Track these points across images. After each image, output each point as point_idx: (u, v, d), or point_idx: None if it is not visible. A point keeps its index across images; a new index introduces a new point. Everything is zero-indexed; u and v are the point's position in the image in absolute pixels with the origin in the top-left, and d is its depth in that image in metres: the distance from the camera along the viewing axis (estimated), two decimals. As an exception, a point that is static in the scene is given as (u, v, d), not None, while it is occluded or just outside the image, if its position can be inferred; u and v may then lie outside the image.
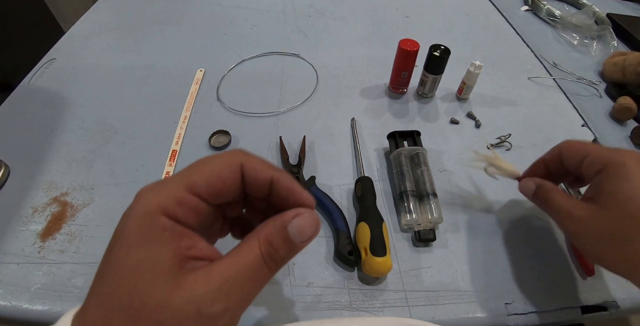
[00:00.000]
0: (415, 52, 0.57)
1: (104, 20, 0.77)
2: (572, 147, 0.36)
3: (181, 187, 0.20)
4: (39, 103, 0.59)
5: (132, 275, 0.18)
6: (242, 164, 0.22)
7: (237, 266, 0.20)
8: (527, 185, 0.39)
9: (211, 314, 0.18)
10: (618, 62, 0.66)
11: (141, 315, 0.18)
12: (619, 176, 0.30)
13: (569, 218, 0.32)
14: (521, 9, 0.88)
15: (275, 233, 0.21)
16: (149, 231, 0.19)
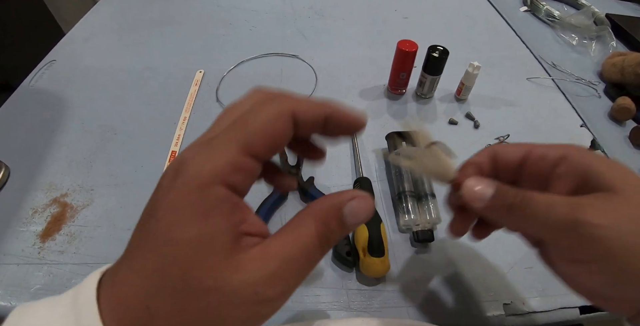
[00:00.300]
0: (414, 52, 0.57)
1: (103, 21, 0.77)
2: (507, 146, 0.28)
3: (237, 149, 0.18)
4: (39, 105, 0.59)
5: (186, 251, 0.16)
6: (294, 112, 0.19)
7: (294, 247, 0.18)
8: (477, 188, 0.26)
9: (269, 297, 0.17)
10: (617, 63, 0.66)
11: (194, 296, 0.16)
12: (596, 155, 0.25)
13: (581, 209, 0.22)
14: (520, 9, 0.88)
15: (331, 215, 0.20)
16: (204, 203, 0.17)
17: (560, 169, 0.25)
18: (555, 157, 0.25)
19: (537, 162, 0.26)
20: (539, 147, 0.27)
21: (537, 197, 0.24)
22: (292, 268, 0.18)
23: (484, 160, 0.29)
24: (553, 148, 0.26)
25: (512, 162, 0.28)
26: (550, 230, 0.24)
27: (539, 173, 0.27)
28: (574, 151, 0.25)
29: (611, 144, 0.57)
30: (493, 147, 0.29)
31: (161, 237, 0.17)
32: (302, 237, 0.19)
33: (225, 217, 0.17)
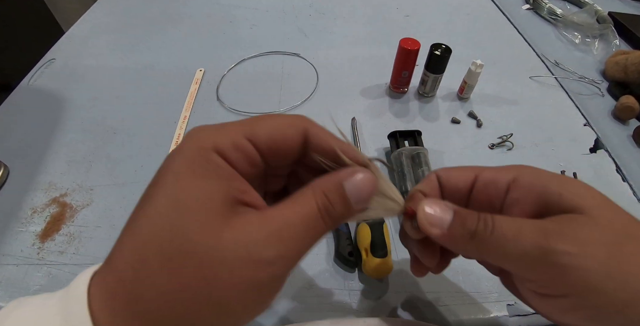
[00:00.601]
0: (416, 51, 0.56)
1: (103, 20, 0.77)
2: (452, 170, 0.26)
3: (241, 132, 0.19)
4: (39, 104, 0.58)
5: (178, 210, 0.16)
6: (306, 129, 0.20)
7: (292, 214, 0.18)
8: (437, 211, 0.22)
9: (263, 259, 0.17)
10: (620, 61, 0.65)
11: (186, 256, 0.16)
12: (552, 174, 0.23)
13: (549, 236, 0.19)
14: (522, 7, 0.87)
15: (331, 188, 0.19)
16: (201, 165, 0.17)
17: (514, 194, 0.23)
18: (506, 181, 0.23)
19: (487, 187, 0.24)
20: (487, 170, 0.24)
21: (503, 223, 0.21)
22: (290, 232, 0.18)
23: (430, 187, 0.25)
24: (502, 171, 0.23)
25: (459, 188, 0.25)
26: (517, 262, 0.21)
27: (490, 200, 0.24)
28: (526, 173, 0.23)
29: (614, 143, 0.57)
30: (437, 172, 0.26)
31: (155, 197, 0.17)
32: (302, 206, 0.19)
33: (222, 181, 0.18)
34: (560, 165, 0.53)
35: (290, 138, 0.20)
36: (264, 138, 0.19)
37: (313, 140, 0.21)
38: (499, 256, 0.21)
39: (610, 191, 0.49)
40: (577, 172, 0.51)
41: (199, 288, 0.16)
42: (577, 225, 0.20)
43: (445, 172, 0.26)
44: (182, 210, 0.16)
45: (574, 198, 0.21)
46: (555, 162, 0.53)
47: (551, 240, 0.19)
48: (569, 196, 0.21)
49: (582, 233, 0.19)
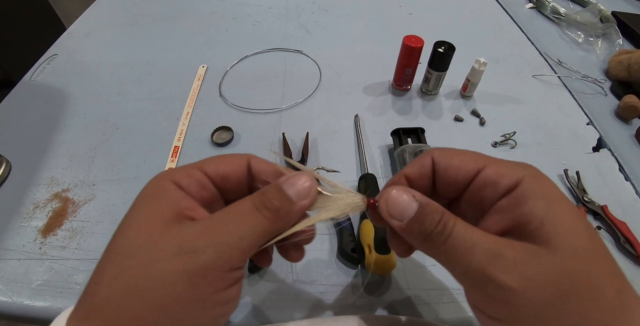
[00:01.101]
0: (420, 48, 0.56)
1: (105, 16, 0.76)
2: (454, 157, 0.23)
3: (194, 165, 0.23)
4: (41, 99, 0.58)
5: (131, 226, 0.20)
6: (249, 158, 0.24)
7: (225, 212, 0.21)
8: (401, 202, 0.21)
9: (192, 248, 0.19)
10: (623, 60, 0.65)
11: (129, 257, 0.19)
12: (549, 195, 0.20)
13: (496, 261, 0.19)
14: (525, 6, 0.87)
15: (269, 187, 0.22)
16: (155, 192, 0.22)
17: (504, 202, 0.21)
18: (506, 187, 0.21)
19: (484, 187, 0.22)
20: (491, 166, 0.22)
21: (460, 233, 0.20)
22: (218, 225, 0.20)
23: (421, 173, 0.24)
24: (506, 174, 0.21)
25: (456, 182, 0.23)
26: (461, 277, 0.20)
27: (481, 201, 0.22)
28: (526, 183, 0.21)
29: (617, 143, 0.57)
30: (434, 155, 0.23)
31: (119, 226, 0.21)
32: (236, 205, 0.22)
33: (170, 201, 0.21)
34: (562, 164, 0.53)
35: (235, 165, 0.24)
36: (211, 166, 0.23)
37: (255, 166, 0.24)
38: (446, 265, 0.21)
39: (613, 190, 0.50)
40: (579, 171, 0.51)
41: (138, 287, 0.18)
42: (534, 260, 0.18)
43: (444, 158, 0.23)
44: (133, 227, 0.20)
45: (552, 231, 0.19)
46: (558, 161, 0.53)
47: (497, 269, 0.18)
48: (550, 226, 0.19)
49: (534, 270, 0.18)
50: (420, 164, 0.24)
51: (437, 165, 0.23)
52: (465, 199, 0.23)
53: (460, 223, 0.20)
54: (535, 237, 0.19)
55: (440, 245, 0.20)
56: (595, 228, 0.46)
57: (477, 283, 0.19)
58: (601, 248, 0.19)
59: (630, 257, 0.43)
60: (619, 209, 0.47)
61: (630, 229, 0.44)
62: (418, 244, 0.21)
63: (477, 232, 0.20)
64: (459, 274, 0.20)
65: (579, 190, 0.49)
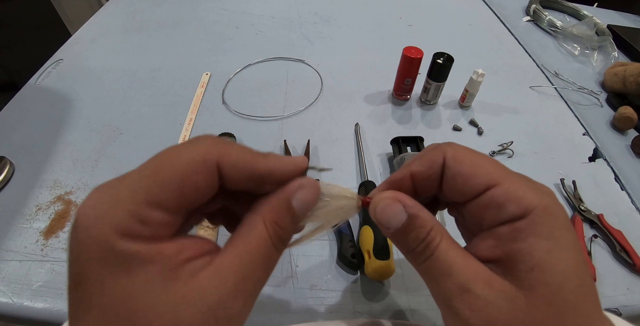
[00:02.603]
0: (419, 59, 0.58)
1: (111, 22, 0.78)
2: (467, 165, 0.20)
3: (140, 200, 0.16)
4: (45, 103, 0.59)
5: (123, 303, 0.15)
6: (218, 163, 0.18)
7: (246, 258, 0.17)
8: (392, 208, 0.20)
9: (231, 315, 0.16)
10: (619, 72, 0.67)
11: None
12: (555, 236, 0.18)
13: (465, 297, 0.18)
14: (523, 19, 0.89)
15: (282, 213, 0.19)
16: (118, 261, 0.15)
17: (504, 230, 0.19)
18: (513, 214, 0.19)
19: (490, 207, 0.19)
20: (503, 185, 0.19)
21: (440, 257, 0.19)
22: (248, 280, 0.17)
23: (429, 174, 0.21)
24: (521, 195, 0.19)
25: (464, 192, 0.20)
26: (434, 296, 0.20)
27: (481, 219, 0.20)
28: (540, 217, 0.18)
29: (613, 153, 0.58)
30: (446, 154, 0.21)
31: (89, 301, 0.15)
32: (255, 245, 0.18)
33: (145, 266, 0.15)
34: (559, 173, 0.53)
35: (202, 185, 0.17)
36: (170, 198, 0.16)
37: (229, 170, 0.18)
38: (423, 278, 0.20)
39: (609, 199, 0.50)
40: (576, 180, 0.52)
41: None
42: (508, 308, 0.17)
43: (455, 162, 0.21)
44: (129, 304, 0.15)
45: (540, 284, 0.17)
46: (554, 170, 0.54)
47: (465, 304, 0.18)
48: (538, 277, 0.18)
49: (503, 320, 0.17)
50: (429, 164, 0.21)
51: (447, 168, 0.21)
52: (467, 208, 0.21)
53: (445, 244, 0.19)
54: (520, 279, 0.18)
55: (420, 263, 0.20)
56: (592, 237, 0.46)
57: (444, 309, 0.19)
58: (585, 304, 0.18)
59: (626, 265, 0.44)
60: (615, 218, 0.48)
61: (626, 238, 0.45)
62: (402, 252, 0.21)
63: (459, 258, 0.19)
64: (432, 293, 0.20)
65: (576, 199, 0.50)
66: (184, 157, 0.17)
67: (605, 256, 0.45)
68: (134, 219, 0.15)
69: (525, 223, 0.18)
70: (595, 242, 0.46)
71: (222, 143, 0.18)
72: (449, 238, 0.20)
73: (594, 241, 0.46)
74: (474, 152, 0.21)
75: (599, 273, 0.43)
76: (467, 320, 0.18)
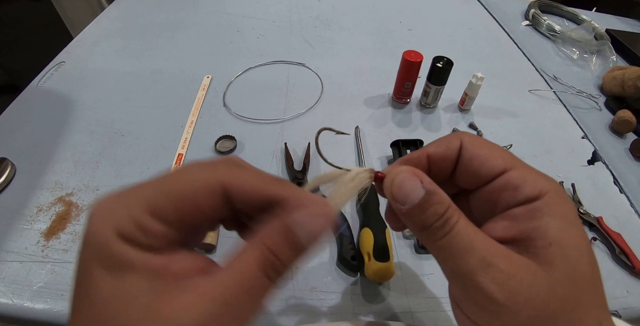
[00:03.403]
0: (419, 63, 0.58)
1: (113, 26, 0.78)
2: (484, 148, 0.21)
3: (142, 206, 0.16)
4: (47, 105, 0.59)
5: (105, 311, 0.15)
6: (225, 186, 0.18)
7: (232, 284, 0.16)
8: (410, 183, 0.20)
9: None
10: (617, 76, 0.67)
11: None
12: (568, 217, 0.19)
13: (488, 270, 0.18)
14: (522, 23, 0.90)
15: (276, 238, 0.17)
16: (112, 262, 0.16)
17: (520, 211, 0.20)
18: (529, 195, 0.20)
19: (504, 191, 0.20)
20: (517, 170, 0.20)
21: (460, 233, 0.19)
22: (232, 309, 0.16)
23: (444, 155, 0.22)
24: (535, 179, 0.20)
25: (477, 176, 0.21)
26: (451, 275, 0.20)
27: (495, 202, 0.21)
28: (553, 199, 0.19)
29: (612, 156, 0.58)
30: (463, 139, 0.22)
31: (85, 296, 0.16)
32: (242, 272, 0.17)
33: (138, 272, 0.16)
34: (558, 176, 0.54)
35: (204, 205, 0.17)
36: (170, 211, 0.17)
37: (237, 195, 0.18)
38: (438, 258, 0.20)
39: (608, 202, 0.51)
40: (575, 183, 0.52)
41: None
42: (530, 280, 0.18)
43: (472, 145, 0.21)
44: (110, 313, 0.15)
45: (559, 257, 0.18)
46: (553, 173, 0.54)
47: (488, 278, 0.18)
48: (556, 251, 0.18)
49: (526, 291, 0.18)
50: (447, 145, 0.22)
51: (464, 150, 0.21)
52: (479, 195, 0.22)
53: (463, 221, 0.19)
54: (538, 255, 0.18)
55: (437, 239, 0.19)
56: (591, 240, 0.46)
57: (464, 285, 0.19)
58: (597, 278, 0.19)
59: (625, 268, 0.44)
60: (614, 221, 0.48)
61: (625, 240, 0.45)
62: (415, 232, 0.20)
63: (478, 234, 0.19)
64: (449, 271, 0.20)
65: (575, 202, 0.50)
66: (194, 175, 0.17)
67: (604, 259, 0.45)
68: (134, 224, 0.16)
69: (540, 203, 0.19)
70: (594, 244, 0.46)
71: (235, 168, 0.18)
72: (465, 217, 0.20)
73: (593, 243, 0.46)
74: (488, 140, 0.22)
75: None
76: (491, 294, 0.18)
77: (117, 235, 0.16)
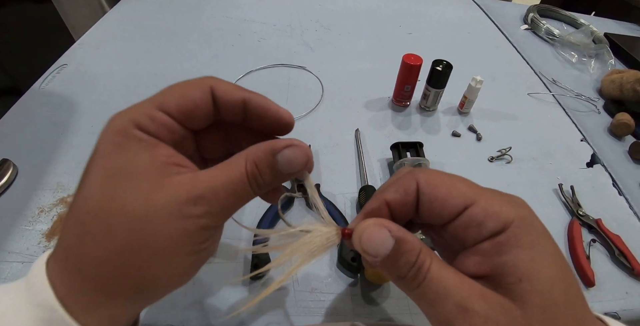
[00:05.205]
0: (419, 66, 0.58)
1: (115, 29, 0.79)
2: (441, 188, 0.21)
3: (151, 105, 0.20)
4: (49, 107, 0.60)
5: (108, 181, 0.19)
6: (212, 86, 0.22)
7: (221, 179, 0.20)
8: (378, 235, 0.20)
9: (192, 214, 0.19)
10: (615, 80, 0.68)
11: (122, 217, 0.18)
12: (535, 244, 0.19)
13: (465, 316, 0.18)
14: (521, 27, 0.91)
15: (263, 158, 0.20)
16: (123, 141, 0.19)
17: (487, 246, 0.20)
18: (493, 229, 0.19)
19: (471, 226, 0.20)
20: (479, 203, 0.20)
21: (434, 279, 0.19)
22: (216, 195, 0.19)
23: (402, 201, 0.22)
24: (498, 210, 0.20)
25: (443, 215, 0.21)
26: (432, 321, 0.20)
27: (462, 239, 0.21)
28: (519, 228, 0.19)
29: (611, 158, 0.58)
30: (419, 180, 0.22)
31: (89, 178, 0.19)
32: (231, 171, 0.20)
33: (145, 149, 0.19)
34: (557, 179, 0.54)
35: (198, 99, 0.21)
36: (172, 104, 0.21)
37: (221, 93, 0.22)
38: (418, 305, 0.20)
39: (607, 204, 0.51)
40: (574, 186, 0.52)
41: (136, 241, 0.18)
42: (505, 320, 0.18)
43: (429, 187, 0.21)
44: (112, 181, 0.19)
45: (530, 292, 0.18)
46: (552, 175, 0.55)
47: (465, 323, 0.18)
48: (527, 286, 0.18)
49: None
50: (404, 190, 0.22)
51: (422, 194, 0.21)
52: (448, 230, 0.21)
53: (436, 265, 0.19)
54: (511, 291, 0.18)
55: (413, 288, 0.19)
56: (590, 242, 0.46)
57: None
58: (572, 299, 0.19)
59: (624, 269, 0.44)
60: (613, 223, 0.48)
61: (624, 242, 0.45)
62: (393, 281, 0.21)
63: (451, 278, 0.19)
64: (429, 318, 0.20)
65: (574, 204, 0.50)
66: (186, 82, 0.22)
67: (604, 261, 0.45)
68: (145, 116, 0.20)
69: (506, 236, 0.19)
70: (593, 246, 0.46)
71: (217, 78, 0.22)
72: (437, 258, 0.20)
73: (592, 245, 0.46)
74: (445, 174, 0.22)
75: (597, 278, 0.43)
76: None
77: (132, 123, 0.19)
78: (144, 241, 0.18)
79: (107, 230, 0.18)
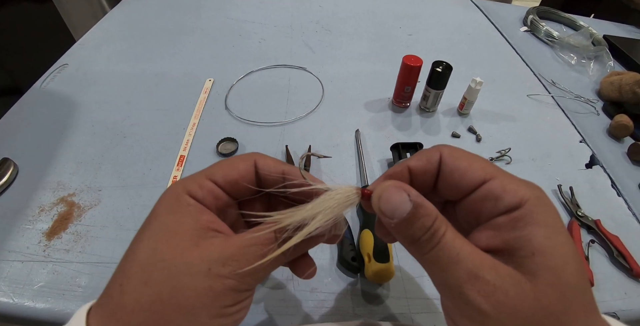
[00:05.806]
0: (419, 67, 0.59)
1: (116, 29, 0.79)
2: (463, 161, 0.22)
3: (202, 175, 0.24)
4: (50, 106, 0.60)
5: (156, 239, 0.21)
6: (255, 160, 0.25)
7: (250, 241, 0.21)
8: (396, 197, 0.20)
9: (220, 273, 0.20)
10: (614, 81, 0.68)
11: (159, 271, 0.20)
12: (550, 224, 0.19)
13: (475, 282, 0.18)
14: (520, 29, 0.91)
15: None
16: (175, 205, 0.22)
17: (502, 220, 0.20)
18: (510, 204, 0.20)
19: (485, 201, 0.21)
20: (497, 180, 0.21)
21: (448, 245, 0.19)
22: (245, 255, 0.21)
23: (424, 169, 0.23)
24: (515, 188, 0.20)
25: (461, 186, 0.21)
26: (440, 287, 0.20)
27: (478, 213, 0.21)
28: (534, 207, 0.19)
29: (610, 160, 0.58)
30: (442, 153, 0.22)
31: (141, 236, 0.22)
32: (260, 235, 0.22)
33: (191, 214, 0.22)
34: (556, 180, 0.54)
35: (243, 170, 0.24)
36: (220, 175, 0.24)
37: (262, 167, 0.25)
38: (427, 270, 0.21)
39: (606, 205, 0.51)
40: (573, 187, 0.52)
41: (167, 294, 0.20)
42: (515, 291, 0.18)
43: (452, 158, 0.22)
44: (158, 238, 0.21)
45: (542, 267, 0.18)
46: (552, 176, 0.55)
47: (474, 290, 0.18)
48: (539, 261, 0.18)
49: (512, 303, 0.18)
50: (427, 159, 0.23)
51: (444, 164, 0.22)
52: (463, 205, 0.22)
53: (451, 232, 0.20)
54: (522, 265, 0.18)
55: (425, 252, 0.20)
56: (589, 242, 0.47)
57: (453, 297, 0.19)
58: (584, 284, 0.19)
59: (623, 270, 0.44)
60: (612, 223, 0.49)
61: (623, 243, 0.45)
62: (405, 245, 0.21)
63: (465, 246, 0.19)
64: (438, 283, 0.20)
65: (573, 204, 0.50)
66: (234, 157, 0.25)
67: (602, 262, 0.45)
68: (196, 184, 0.23)
69: (522, 212, 0.19)
70: (592, 247, 0.46)
71: (261, 154, 0.26)
72: (452, 228, 0.20)
73: (591, 246, 0.46)
74: (467, 151, 0.23)
75: (596, 278, 0.43)
76: (478, 306, 0.18)
77: (185, 191, 0.23)
78: (173, 295, 0.19)
79: (145, 280, 0.20)
